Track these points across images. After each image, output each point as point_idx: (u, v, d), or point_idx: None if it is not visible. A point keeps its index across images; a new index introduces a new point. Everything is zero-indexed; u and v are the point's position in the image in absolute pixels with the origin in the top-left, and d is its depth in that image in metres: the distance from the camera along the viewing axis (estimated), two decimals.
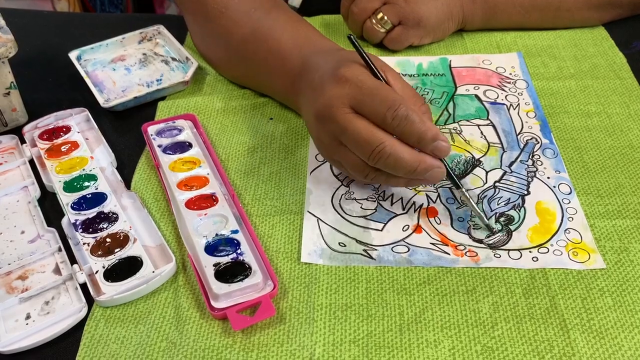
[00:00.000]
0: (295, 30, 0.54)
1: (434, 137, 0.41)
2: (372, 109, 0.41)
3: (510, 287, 0.43)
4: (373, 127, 0.41)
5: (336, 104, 0.42)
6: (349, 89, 0.42)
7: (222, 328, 0.41)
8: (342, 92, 0.42)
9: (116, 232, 0.46)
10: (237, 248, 0.44)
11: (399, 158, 0.41)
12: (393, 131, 0.41)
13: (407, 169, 0.42)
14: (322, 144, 0.46)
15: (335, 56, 0.47)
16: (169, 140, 0.53)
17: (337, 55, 0.48)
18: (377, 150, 0.41)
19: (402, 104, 0.41)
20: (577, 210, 0.48)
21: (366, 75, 0.43)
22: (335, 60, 0.46)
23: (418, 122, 0.41)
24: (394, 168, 0.42)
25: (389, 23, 0.62)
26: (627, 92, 0.59)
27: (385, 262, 0.44)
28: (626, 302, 0.42)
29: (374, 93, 0.41)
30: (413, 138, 0.41)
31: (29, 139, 0.55)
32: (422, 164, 0.42)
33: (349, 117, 0.42)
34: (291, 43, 0.53)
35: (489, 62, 0.63)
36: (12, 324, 0.41)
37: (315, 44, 0.52)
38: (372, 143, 0.41)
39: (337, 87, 0.43)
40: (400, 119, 0.41)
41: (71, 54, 0.62)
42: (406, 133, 0.41)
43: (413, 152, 0.42)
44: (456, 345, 0.39)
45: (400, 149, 0.41)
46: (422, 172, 0.42)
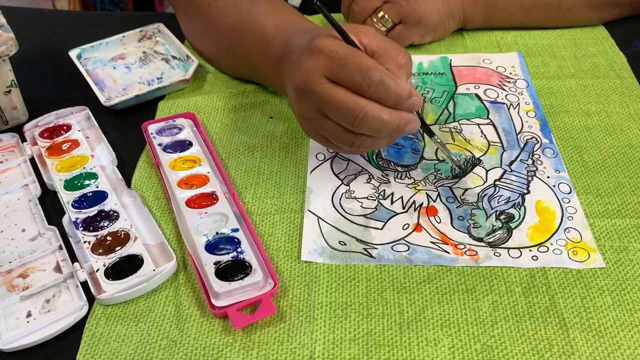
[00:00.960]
0: (278, 17, 0.55)
1: (409, 95, 0.43)
2: (347, 78, 0.42)
3: (510, 286, 0.43)
4: (352, 95, 0.42)
5: (313, 76, 0.43)
6: (322, 60, 0.43)
7: (223, 326, 0.41)
8: (317, 64, 0.43)
9: (117, 230, 0.46)
10: (238, 246, 0.44)
11: (381, 120, 0.43)
12: (370, 96, 0.42)
13: (389, 129, 0.43)
14: (305, 119, 0.47)
15: (313, 33, 0.47)
16: (169, 138, 0.53)
17: (314, 31, 0.48)
18: (360, 116, 0.42)
19: (375, 69, 0.42)
20: (577, 209, 0.48)
21: (338, 44, 0.43)
22: (310, 35, 0.46)
23: (393, 84, 0.42)
24: (378, 130, 0.43)
25: (389, 22, 0.62)
26: (627, 92, 0.59)
27: (385, 260, 0.45)
28: (625, 301, 0.42)
29: (347, 62, 0.42)
30: (391, 100, 0.43)
31: (29, 137, 0.55)
32: (402, 120, 0.44)
33: (327, 88, 0.43)
34: (274, 28, 0.54)
35: (489, 61, 0.64)
36: (13, 322, 0.41)
37: (297, 26, 0.53)
38: (354, 110, 0.42)
39: (311, 59, 0.43)
40: (376, 85, 0.42)
41: (71, 53, 0.62)
42: (384, 97, 0.42)
43: (392, 111, 0.43)
44: (456, 343, 0.40)
45: (381, 111, 0.43)
46: (402, 128, 0.44)
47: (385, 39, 0.46)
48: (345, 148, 0.46)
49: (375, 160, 0.53)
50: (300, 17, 0.56)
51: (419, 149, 0.54)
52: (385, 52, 0.44)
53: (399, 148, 0.54)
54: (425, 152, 0.53)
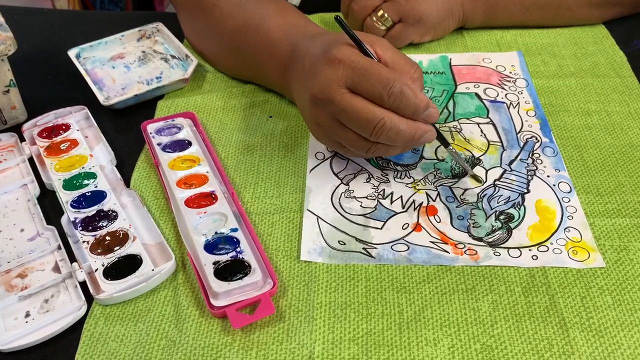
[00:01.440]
0: (284, 18, 0.55)
1: (426, 107, 0.44)
2: (368, 89, 0.43)
3: (510, 285, 0.43)
4: (371, 105, 0.43)
5: (332, 86, 0.44)
6: (343, 70, 0.43)
7: (222, 326, 0.41)
8: (337, 74, 0.44)
9: (116, 230, 0.46)
10: (237, 246, 0.44)
11: (398, 130, 0.44)
12: (390, 107, 0.43)
13: (406, 139, 0.44)
14: (319, 127, 0.47)
15: (323, 39, 0.48)
16: (169, 138, 0.53)
17: (326, 37, 0.48)
18: (379, 126, 0.43)
19: (395, 80, 0.43)
20: (576, 208, 0.48)
21: (357, 55, 0.44)
22: (324, 42, 0.47)
23: (412, 95, 0.43)
24: (394, 140, 0.44)
25: (389, 20, 0.62)
26: (627, 91, 0.59)
27: (384, 260, 0.44)
28: (625, 301, 0.42)
29: (368, 73, 0.43)
30: (409, 111, 0.44)
31: (28, 137, 0.55)
32: (418, 131, 0.45)
33: (347, 97, 0.43)
34: (280, 31, 0.54)
35: (489, 60, 0.63)
36: (11, 322, 0.41)
37: (303, 29, 0.53)
38: (373, 120, 0.43)
39: (330, 69, 0.44)
40: (395, 95, 0.43)
41: (70, 52, 0.62)
42: (402, 107, 0.43)
43: (409, 122, 0.44)
44: (455, 343, 0.39)
45: (399, 122, 0.44)
46: (418, 139, 0.45)
47: (398, 52, 0.47)
48: (360, 154, 0.47)
49: (375, 159, 0.53)
50: (305, 19, 0.56)
51: (418, 148, 0.54)
52: (399, 64, 0.45)
53: None
54: (425, 152, 0.53)
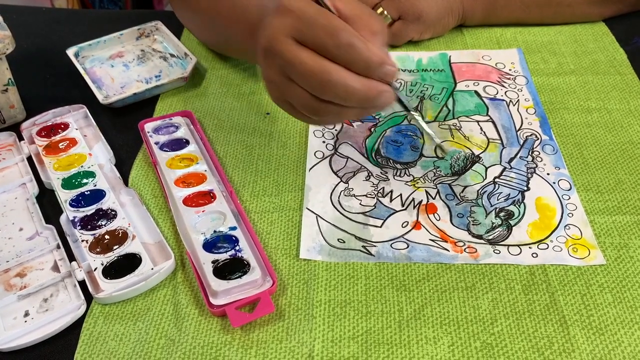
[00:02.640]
0: None
1: (380, 62, 0.39)
2: (314, 39, 0.39)
3: (510, 283, 0.43)
4: (318, 57, 0.39)
5: (278, 36, 0.40)
6: (290, 20, 0.40)
7: (221, 325, 0.41)
8: (284, 23, 0.40)
9: (115, 229, 0.45)
10: (236, 245, 0.44)
11: (348, 86, 0.39)
12: (338, 60, 0.39)
13: (358, 97, 0.40)
14: (271, 84, 0.44)
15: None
16: (166, 137, 0.53)
17: None
18: (325, 79, 0.39)
19: (344, 30, 0.39)
20: (577, 206, 0.48)
21: (308, 4, 0.40)
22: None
23: (363, 48, 0.39)
24: (344, 98, 0.40)
25: (388, 18, 0.62)
26: (627, 88, 0.59)
27: (384, 258, 0.44)
28: (626, 299, 0.42)
29: (315, 22, 0.39)
30: (360, 65, 0.39)
31: (27, 136, 0.54)
32: (373, 89, 0.40)
33: (293, 49, 0.40)
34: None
35: (488, 57, 0.63)
36: (10, 321, 0.41)
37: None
38: (319, 73, 0.39)
39: (278, 19, 0.41)
40: (343, 47, 0.38)
41: (69, 51, 0.62)
42: (352, 61, 0.39)
43: (361, 78, 0.40)
44: (455, 341, 0.39)
45: (349, 77, 0.39)
46: (372, 98, 0.40)
47: (361, 5, 0.42)
48: (311, 117, 0.43)
49: (374, 157, 0.52)
50: None
51: (418, 146, 0.53)
52: (358, 17, 0.41)
53: (398, 145, 0.53)
54: (424, 150, 0.53)
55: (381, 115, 0.57)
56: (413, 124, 0.55)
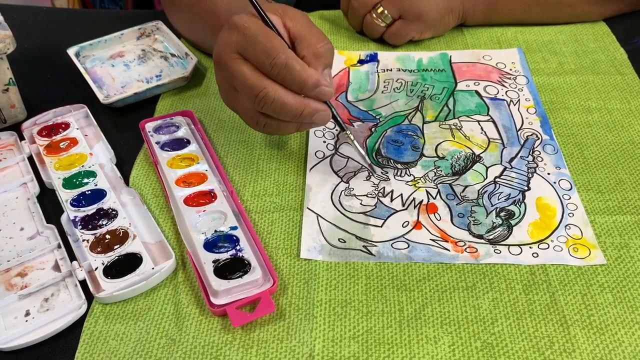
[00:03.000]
0: None
1: (315, 84, 0.42)
2: (254, 56, 0.42)
3: (511, 283, 0.43)
4: (258, 73, 0.42)
5: (225, 49, 0.44)
6: (236, 36, 0.43)
7: (222, 324, 0.41)
8: (231, 38, 0.43)
9: (115, 228, 0.45)
10: (236, 244, 0.44)
11: (283, 103, 0.42)
12: (275, 78, 0.42)
13: (292, 114, 0.43)
14: (222, 90, 0.47)
15: None
16: (167, 136, 0.53)
17: None
18: (261, 95, 0.42)
19: (281, 52, 0.41)
20: (577, 206, 0.48)
21: (254, 22, 0.43)
22: None
23: (298, 69, 0.42)
24: (280, 113, 0.43)
25: (389, 17, 0.62)
26: (628, 88, 0.59)
27: (385, 258, 0.44)
28: (626, 298, 0.42)
29: (256, 40, 0.42)
30: (295, 85, 0.42)
31: (27, 136, 0.54)
32: (307, 108, 0.43)
33: (236, 63, 0.43)
34: (224, 3, 0.54)
35: (489, 57, 0.63)
36: (11, 321, 0.41)
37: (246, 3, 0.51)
38: (256, 88, 0.42)
39: (227, 33, 0.44)
40: (279, 67, 0.41)
41: (69, 51, 0.62)
42: (287, 80, 0.42)
43: (297, 97, 0.43)
44: (456, 341, 0.39)
45: (284, 95, 0.42)
46: (307, 116, 0.43)
47: (311, 26, 0.45)
48: (253, 127, 0.46)
49: (375, 157, 0.52)
50: None
51: (418, 146, 0.53)
52: (305, 39, 0.44)
53: (399, 145, 0.53)
54: (425, 149, 0.53)
55: (382, 115, 0.57)
56: (414, 124, 0.55)
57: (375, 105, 0.58)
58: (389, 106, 0.58)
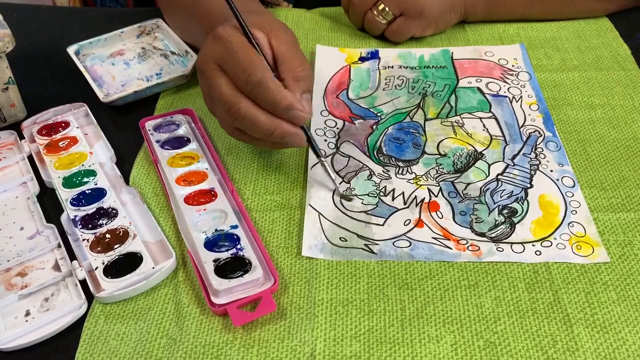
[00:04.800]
0: None
1: (288, 107, 0.42)
2: (231, 70, 0.43)
3: (513, 281, 0.42)
4: (233, 88, 0.43)
5: (207, 59, 0.44)
6: (219, 47, 0.44)
7: (223, 324, 0.40)
8: (214, 49, 0.44)
9: (116, 227, 0.45)
10: (237, 243, 0.44)
11: (255, 121, 0.42)
12: (249, 95, 0.42)
13: (263, 133, 0.43)
14: (204, 96, 0.48)
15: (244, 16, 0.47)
16: (167, 135, 0.53)
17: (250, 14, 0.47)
18: (233, 110, 0.43)
19: (257, 69, 0.41)
20: (580, 203, 0.47)
21: (237, 36, 0.44)
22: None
23: (272, 89, 0.42)
24: (251, 130, 0.44)
25: (390, 14, 0.62)
26: (631, 84, 0.59)
27: (386, 256, 0.44)
28: (630, 296, 0.41)
29: (234, 54, 0.42)
30: (267, 105, 0.42)
31: (27, 135, 0.54)
32: (278, 129, 0.43)
33: (215, 74, 0.44)
34: (218, 6, 0.54)
35: (491, 53, 0.63)
36: (11, 321, 0.41)
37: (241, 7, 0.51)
38: (230, 103, 0.43)
39: (211, 43, 0.44)
40: (253, 84, 0.42)
41: (69, 49, 0.62)
42: (260, 99, 0.42)
43: (270, 117, 0.43)
44: (458, 340, 0.39)
45: (256, 113, 0.42)
46: (278, 137, 0.43)
47: (295, 47, 0.46)
48: (229, 133, 0.47)
49: (376, 156, 0.52)
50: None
51: (420, 143, 0.53)
52: (287, 61, 0.44)
53: (400, 143, 0.53)
54: (426, 147, 0.53)
55: (383, 112, 0.56)
56: (415, 121, 0.55)
57: (377, 103, 0.58)
58: (390, 103, 0.57)
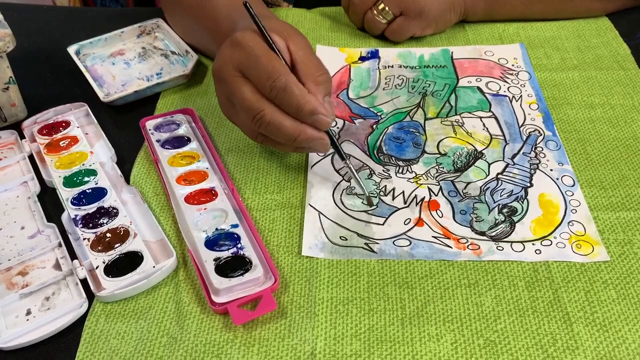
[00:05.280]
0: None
1: (312, 111, 0.42)
2: (255, 76, 0.43)
3: (513, 280, 0.42)
4: (257, 94, 0.43)
5: (227, 66, 0.44)
6: (238, 53, 0.43)
7: (223, 323, 0.40)
8: (233, 56, 0.44)
9: (116, 227, 0.45)
10: (237, 242, 0.44)
11: (279, 126, 0.42)
12: (273, 100, 0.42)
13: (287, 138, 0.43)
14: (221, 104, 0.48)
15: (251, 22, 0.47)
16: (168, 135, 0.53)
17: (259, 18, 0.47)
18: (258, 117, 0.43)
19: (281, 75, 0.41)
20: (580, 202, 0.47)
21: (257, 42, 0.43)
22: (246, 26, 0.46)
23: (297, 94, 0.42)
24: (275, 135, 0.44)
25: (390, 14, 0.62)
26: (631, 83, 0.59)
27: (386, 255, 0.44)
28: (630, 295, 0.41)
29: (258, 61, 0.42)
30: (291, 109, 0.42)
31: (28, 134, 0.54)
32: (303, 134, 0.43)
33: (237, 81, 0.43)
34: (225, 9, 0.54)
35: (491, 53, 0.63)
36: (12, 320, 0.41)
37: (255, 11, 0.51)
38: (254, 110, 0.43)
39: (229, 50, 0.44)
40: (277, 90, 0.42)
41: (70, 49, 0.62)
42: (285, 104, 0.42)
43: (294, 122, 0.43)
44: (458, 339, 0.39)
45: (280, 118, 0.42)
46: (302, 142, 0.43)
47: (312, 54, 0.46)
48: (252, 138, 0.47)
49: (377, 155, 0.52)
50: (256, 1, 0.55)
51: (420, 142, 0.53)
52: (306, 66, 0.44)
53: (400, 142, 0.53)
54: (426, 146, 0.53)
55: (383, 112, 0.56)
56: (416, 121, 0.55)
57: (377, 102, 0.58)
58: (390, 103, 0.57)
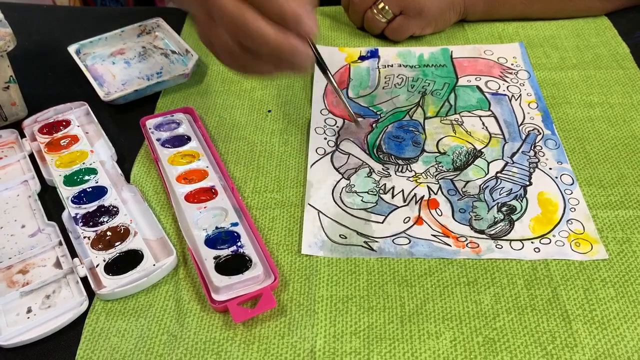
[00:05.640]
0: None
1: (296, 16, 0.40)
2: None
3: (512, 278, 0.43)
4: (239, 1, 0.40)
5: None
6: None
7: (223, 321, 0.41)
8: None
9: (117, 225, 0.45)
10: (237, 240, 0.44)
11: (263, 34, 0.40)
12: (257, 7, 0.40)
13: (271, 46, 0.41)
14: (197, 23, 0.45)
15: None
16: (168, 133, 0.53)
17: None
18: (240, 22, 0.40)
19: None
20: (579, 200, 0.48)
21: None
22: None
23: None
24: (258, 44, 0.41)
25: (390, 13, 0.62)
26: (630, 82, 0.59)
27: (386, 253, 0.44)
28: (628, 293, 0.41)
29: None
30: (274, 15, 0.40)
31: (28, 133, 0.54)
32: (286, 42, 0.40)
33: None
34: None
35: (490, 52, 0.63)
36: (13, 317, 0.41)
37: None
38: (236, 16, 0.40)
39: None
40: None
41: (70, 48, 0.62)
42: (267, 9, 0.40)
43: (277, 29, 0.40)
44: (458, 336, 0.39)
45: (263, 25, 0.40)
46: (286, 51, 0.41)
47: None
48: (230, 65, 0.45)
49: (376, 153, 0.52)
50: None
51: (419, 141, 0.53)
52: None
53: (400, 141, 0.53)
54: (426, 145, 0.53)
55: (382, 111, 0.56)
56: (415, 120, 0.55)
57: (376, 101, 0.58)
58: (389, 102, 0.58)
